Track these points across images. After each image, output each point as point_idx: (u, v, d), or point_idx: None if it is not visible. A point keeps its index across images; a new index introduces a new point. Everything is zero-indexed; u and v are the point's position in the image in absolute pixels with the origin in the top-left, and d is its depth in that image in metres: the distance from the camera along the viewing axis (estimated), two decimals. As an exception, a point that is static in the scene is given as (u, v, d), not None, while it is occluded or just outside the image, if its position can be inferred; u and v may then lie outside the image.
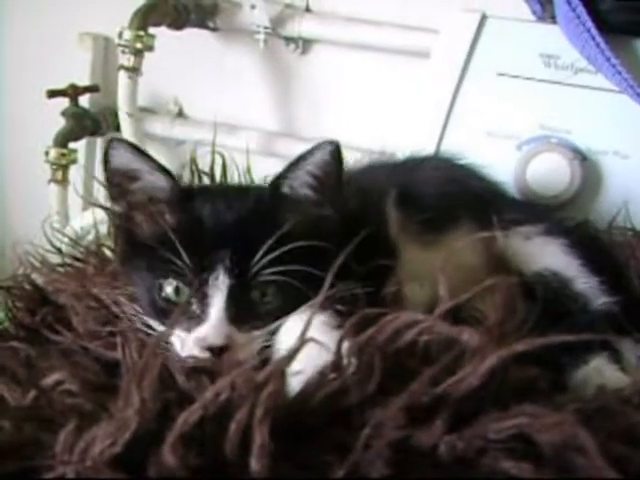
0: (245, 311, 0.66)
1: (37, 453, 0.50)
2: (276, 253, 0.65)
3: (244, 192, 0.77)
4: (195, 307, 0.66)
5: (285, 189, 0.70)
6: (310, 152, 0.69)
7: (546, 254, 0.81)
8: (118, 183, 0.71)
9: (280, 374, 0.52)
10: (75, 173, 1.57)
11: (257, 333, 0.66)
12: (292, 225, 0.67)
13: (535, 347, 0.50)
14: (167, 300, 0.68)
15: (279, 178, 0.71)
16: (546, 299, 0.70)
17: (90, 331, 0.67)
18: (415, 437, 0.48)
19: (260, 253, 0.65)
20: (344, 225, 0.71)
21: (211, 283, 0.65)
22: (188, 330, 0.65)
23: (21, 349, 0.65)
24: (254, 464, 0.47)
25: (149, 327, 0.69)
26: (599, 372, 0.67)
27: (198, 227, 0.68)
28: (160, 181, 0.70)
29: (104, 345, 0.64)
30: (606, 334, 0.69)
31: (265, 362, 0.58)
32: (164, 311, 0.68)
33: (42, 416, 0.53)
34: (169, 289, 0.67)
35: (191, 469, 0.48)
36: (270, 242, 0.65)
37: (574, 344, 0.59)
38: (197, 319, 0.66)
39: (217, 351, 0.63)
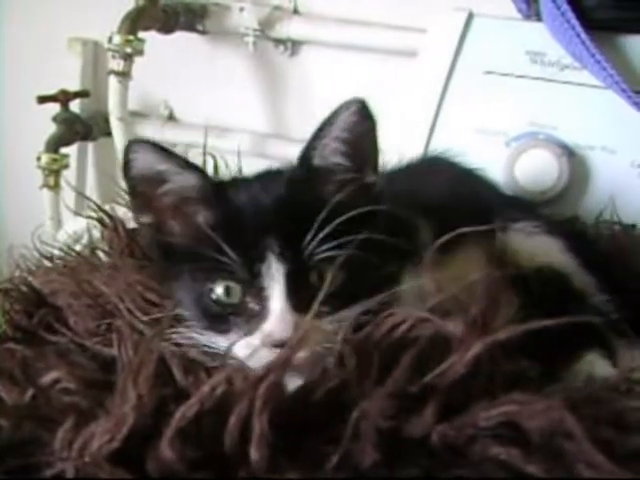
0: (308, 297, 0.59)
1: (36, 450, 0.51)
2: (327, 230, 0.59)
3: (276, 174, 0.71)
4: (252, 304, 0.62)
5: (316, 161, 0.65)
6: (334, 115, 0.64)
7: (546, 251, 0.80)
8: (143, 191, 0.66)
9: (280, 366, 0.52)
10: (70, 177, 1.57)
11: (325, 320, 0.59)
12: (333, 197, 0.62)
13: (519, 335, 0.51)
14: (220, 303, 0.62)
15: (308, 150, 0.65)
16: (545, 295, 0.70)
17: (87, 329, 0.67)
18: (406, 427, 0.49)
19: (311, 232, 0.60)
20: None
21: (265, 274, 0.60)
22: (250, 332, 0.60)
23: (18, 350, 0.66)
24: (253, 454, 0.48)
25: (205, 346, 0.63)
26: (591, 366, 0.67)
27: (238, 219, 0.63)
28: (189, 179, 0.65)
29: (101, 342, 0.64)
30: (599, 330, 0.67)
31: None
32: (219, 316, 0.62)
33: (40, 414, 0.54)
34: (219, 290, 0.62)
35: (189, 462, 0.48)
36: (320, 219, 0.59)
37: (569, 340, 0.60)
38: (258, 317, 0.61)
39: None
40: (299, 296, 0.60)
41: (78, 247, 0.93)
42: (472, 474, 0.47)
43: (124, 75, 1.40)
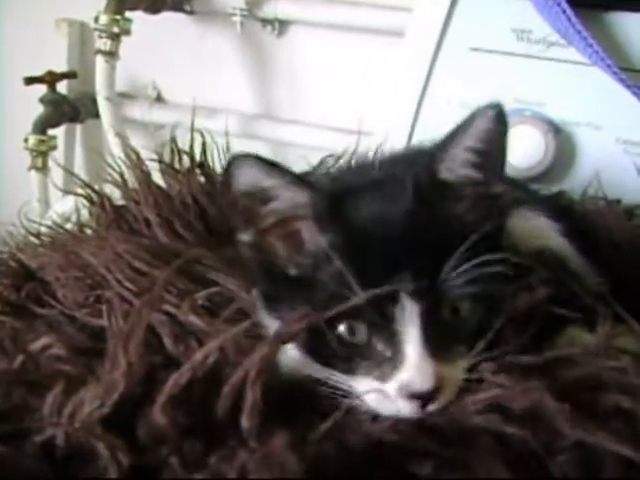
0: (444, 338, 0.54)
1: (26, 416, 0.51)
2: (466, 262, 0.53)
3: (395, 186, 0.60)
4: (382, 347, 0.54)
5: (444, 174, 0.58)
6: (467, 122, 0.57)
7: (545, 234, 0.78)
8: (245, 206, 0.58)
9: (275, 340, 0.53)
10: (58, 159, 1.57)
11: (462, 360, 0.54)
12: (464, 217, 0.57)
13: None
14: (341, 341, 0.54)
15: (433, 161, 0.58)
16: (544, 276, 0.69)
17: (76, 301, 0.67)
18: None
19: (450, 264, 0.53)
20: None
21: (396, 314, 0.53)
22: (382, 378, 0.53)
23: (7, 322, 0.66)
24: (245, 422, 0.49)
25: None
26: (572, 337, 0.68)
27: (360, 245, 0.55)
28: (300, 196, 0.57)
29: (90, 313, 0.64)
30: (588, 307, 0.65)
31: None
32: (340, 354, 0.55)
33: (30, 380, 0.54)
34: (341, 328, 0.54)
35: (180, 428, 0.49)
36: (461, 250, 0.52)
37: (557, 318, 0.60)
38: (390, 362, 0.53)
39: (427, 396, 0.52)
40: (435, 338, 0.53)
41: (66, 226, 0.93)
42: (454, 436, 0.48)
43: (111, 55, 1.40)
